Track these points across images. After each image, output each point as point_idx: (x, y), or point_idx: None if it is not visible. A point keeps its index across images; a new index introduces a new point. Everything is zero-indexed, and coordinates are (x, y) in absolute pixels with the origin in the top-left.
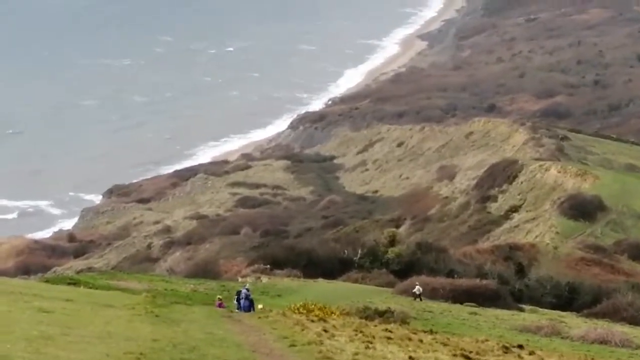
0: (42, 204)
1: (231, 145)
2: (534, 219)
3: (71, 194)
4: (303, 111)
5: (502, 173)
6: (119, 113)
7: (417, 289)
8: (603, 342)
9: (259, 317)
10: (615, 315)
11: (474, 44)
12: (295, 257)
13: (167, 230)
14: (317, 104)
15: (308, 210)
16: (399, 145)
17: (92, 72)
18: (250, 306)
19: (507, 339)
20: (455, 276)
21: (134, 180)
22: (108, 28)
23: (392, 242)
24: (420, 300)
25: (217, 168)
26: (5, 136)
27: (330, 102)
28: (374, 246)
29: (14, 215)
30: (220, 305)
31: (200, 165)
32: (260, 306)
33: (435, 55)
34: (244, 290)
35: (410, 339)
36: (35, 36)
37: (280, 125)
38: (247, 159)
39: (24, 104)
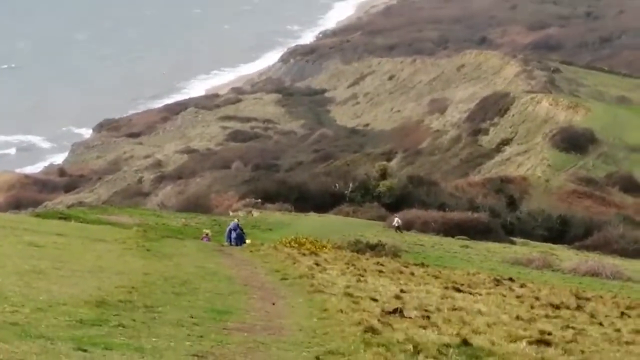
0: (34, 138)
1: (222, 79)
2: (525, 151)
3: (63, 129)
4: (294, 44)
5: (494, 106)
6: (113, 47)
7: (397, 221)
8: (594, 274)
9: (251, 251)
10: (606, 247)
11: None
12: (287, 191)
13: (158, 164)
14: (308, 37)
15: (299, 144)
16: (390, 78)
17: (84, 5)
18: (239, 239)
19: (498, 271)
20: (447, 209)
21: (124, 115)
22: None
23: (384, 175)
24: (400, 232)
25: (207, 102)
26: (0, 71)
27: (321, 35)
28: (365, 180)
29: (12, 150)
30: (204, 239)
31: (191, 99)
32: (248, 241)
33: None
34: (232, 224)
35: (401, 272)
36: None
37: (271, 58)
38: (237, 93)
39: (18, 39)
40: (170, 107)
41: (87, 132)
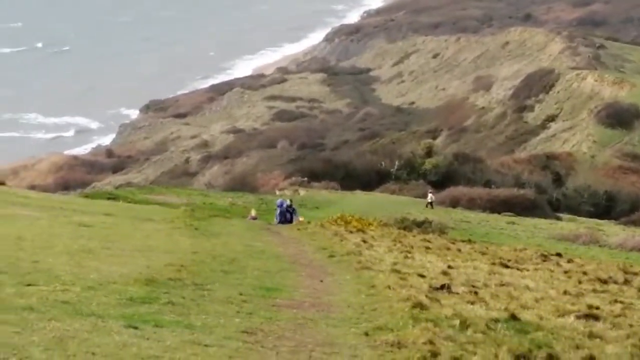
0: (82, 120)
1: (267, 59)
2: (570, 128)
3: (111, 110)
4: (338, 24)
5: (539, 82)
6: (157, 29)
7: (430, 197)
8: None
9: (298, 229)
10: None
11: None
12: (333, 169)
13: (205, 144)
14: (352, 17)
15: (344, 122)
16: (435, 56)
17: None
18: (281, 216)
19: (545, 247)
20: (493, 186)
21: (171, 96)
22: None
23: (429, 153)
24: (432, 208)
25: (253, 82)
26: (51, 54)
27: (365, 14)
28: (410, 157)
29: (70, 133)
30: (250, 218)
31: (237, 79)
32: (301, 218)
33: None
34: (279, 202)
35: (448, 249)
36: None
37: (315, 38)
38: (283, 73)
39: (65, 22)
40: (216, 88)
41: (134, 114)
